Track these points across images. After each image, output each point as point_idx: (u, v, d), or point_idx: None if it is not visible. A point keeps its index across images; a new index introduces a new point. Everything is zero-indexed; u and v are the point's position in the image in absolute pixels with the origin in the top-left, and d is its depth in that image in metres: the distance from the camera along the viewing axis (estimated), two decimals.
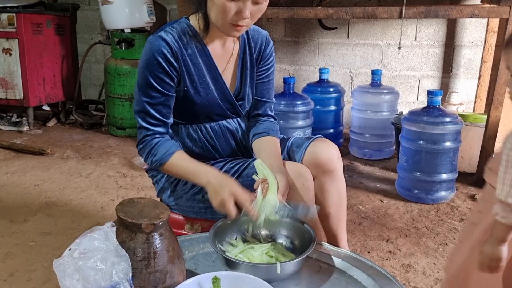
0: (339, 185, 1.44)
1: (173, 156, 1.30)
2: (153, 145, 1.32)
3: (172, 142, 1.34)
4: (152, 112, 1.32)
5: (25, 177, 2.76)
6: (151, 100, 1.31)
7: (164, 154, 1.30)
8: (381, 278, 1.06)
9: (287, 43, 3.75)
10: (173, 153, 1.30)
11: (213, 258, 1.14)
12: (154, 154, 1.32)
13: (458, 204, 2.45)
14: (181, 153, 1.33)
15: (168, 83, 1.31)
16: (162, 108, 1.33)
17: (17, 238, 2.02)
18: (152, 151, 1.32)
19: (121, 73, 3.59)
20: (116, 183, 2.70)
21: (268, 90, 1.50)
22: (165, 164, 1.31)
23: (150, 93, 1.31)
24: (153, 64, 1.28)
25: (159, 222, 0.90)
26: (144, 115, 1.33)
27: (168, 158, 1.30)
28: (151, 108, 1.32)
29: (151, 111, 1.32)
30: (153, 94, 1.31)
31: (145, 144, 1.34)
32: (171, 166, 1.31)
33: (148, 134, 1.34)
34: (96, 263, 0.82)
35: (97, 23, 4.24)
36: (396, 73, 3.58)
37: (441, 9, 2.51)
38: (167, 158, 1.30)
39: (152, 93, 1.31)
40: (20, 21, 3.60)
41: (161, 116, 1.33)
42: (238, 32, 1.27)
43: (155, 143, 1.32)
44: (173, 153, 1.30)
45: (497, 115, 2.57)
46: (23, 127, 3.84)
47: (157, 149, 1.31)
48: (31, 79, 3.76)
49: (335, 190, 1.43)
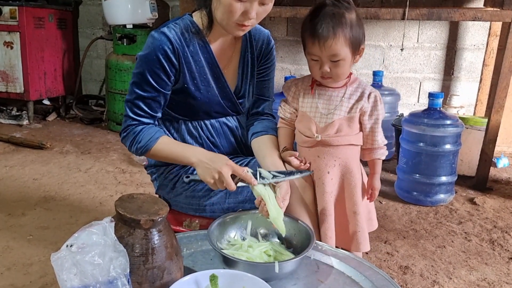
0: None
1: (159, 141, 1.30)
2: (137, 132, 1.31)
3: (156, 128, 1.33)
4: (141, 105, 1.31)
5: (24, 171, 2.76)
6: (144, 94, 1.31)
7: (149, 140, 1.29)
8: (379, 280, 1.05)
9: (289, 42, 3.74)
10: (158, 137, 1.30)
11: (211, 256, 1.14)
12: (138, 141, 1.31)
13: (457, 207, 2.45)
14: (166, 138, 1.32)
15: (164, 80, 1.30)
16: (152, 103, 1.32)
17: (15, 231, 2.02)
18: (136, 138, 1.31)
19: (122, 69, 3.58)
20: (115, 178, 2.70)
21: (268, 88, 1.50)
22: (150, 150, 1.30)
23: (144, 87, 1.30)
24: (153, 60, 1.28)
25: (158, 218, 0.89)
26: (132, 106, 1.32)
27: (153, 144, 1.29)
28: (141, 102, 1.31)
29: (141, 104, 1.31)
30: (146, 88, 1.30)
31: (128, 132, 1.33)
32: (157, 150, 1.30)
33: (132, 123, 1.33)
34: (94, 257, 0.82)
35: (99, 18, 4.23)
36: (398, 75, 3.58)
37: (444, 12, 2.50)
38: (153, 144, 1.29)
39: (146, 87, 1.30)
40: (22, 15, 3.59)
41: (150, 109, 1.33)
42: (243, 32, 1.27)
43: (138, 130, 1.31)
44: (158, 138, 1.30)
45: (498, 119, 2.57)
46: (23, 120, 3.83)
47: (141, 135, 1.30)
48: (32, 73, 3.75)
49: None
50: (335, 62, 1.21)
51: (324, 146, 1.29)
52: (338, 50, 1.19)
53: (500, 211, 2.40)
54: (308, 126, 1.30)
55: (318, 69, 1.24)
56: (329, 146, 1.28)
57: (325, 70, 1.22)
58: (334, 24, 1.18)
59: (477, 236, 2.13)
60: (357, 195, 1.30)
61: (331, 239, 1.28)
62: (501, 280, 1.78)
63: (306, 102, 1.32)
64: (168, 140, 1.33)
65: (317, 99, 1.30)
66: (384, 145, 1.33)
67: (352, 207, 1.30)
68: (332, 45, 1.18)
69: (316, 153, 1.30)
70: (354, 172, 1.31)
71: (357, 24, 1.22)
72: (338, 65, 1.22)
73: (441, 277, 1.79)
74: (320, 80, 1.28)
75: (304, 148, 1.33)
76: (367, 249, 1.32)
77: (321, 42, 1.19)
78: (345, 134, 1.28)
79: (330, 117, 1.27)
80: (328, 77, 1.25)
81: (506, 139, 3.41)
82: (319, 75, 1.26)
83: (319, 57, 1.22)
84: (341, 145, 1.28)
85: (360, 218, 1.30)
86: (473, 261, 1.91)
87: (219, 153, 1.45)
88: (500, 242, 2.07)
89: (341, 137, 1.28)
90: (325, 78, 1.26)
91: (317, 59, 1.23)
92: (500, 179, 2.86)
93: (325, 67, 1.22)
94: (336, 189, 1.31)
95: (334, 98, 1.29)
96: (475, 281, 1.77)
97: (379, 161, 1.36)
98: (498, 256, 1.95)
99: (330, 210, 1.29)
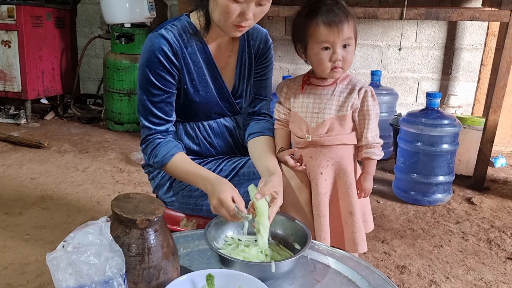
0: None
1: (173, 158, 1.29)
2: (154, 146, 1.32)
3: (173, 143, 1.33)
4: (154, 110, 1.31)
5: (22, 170, 2.75)
6: (153, 98, 1.31)
7: (164, 156, 1.30)
8: (376, 279, 1.05)
9: (287, 41, 3.74)
10: (174, 155, 1.30)
11: (208, 256, 1.14)
12: (155, 155, 1.31)
13: (454, 206, 2.45)
14: (181, 155, 1.32)
15: (169, 80, 1.30)
16: (165, 106, 1.32)
17: (12, 231, 2.02)
18: (154, 152, 1.32)
19: (120, 68, 3.58)
20: (112, 178, 2.69)
21: (265, 88, 1.49)
22: (166, 166, 1.31)
23: (151, 91, 1.30)
24: (154, 62, 1.27)
25: (154, 218, 0.89)
26: (146, 114, 1.32)
27: (169, 160, 1.29)
28: (153, 107, 1.31)
29: (153, 109, 1.31)
30: (154, 92, 1.30)
31: (147, 143, 1.34)
32: (171, 168, 1.31)
33: (150, 133, 1.33)
34: (89, 257, 0.82)
35: (97, 17, 4.23)
36: (396, 75, 3.58)
37: (442, 11, 2.51)
38: (168, 160, 1.30)
39: (154, 91, 1.30)
40: (19, 13, 3.58)
41: (163, 114, 1.33)
42: (240, 33, 1.26)
43: (156, 143, 1.32)
44: (174, 155, 1.30)
45: (495, 119, 2.57)
46: (21, 119, 3.82)
47: (158, 150, 1.31)
48: (30, 72, 3.74)
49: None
50: (346, 48, 1.23)
51: (315, 146, 1.28)
52: (351, 33, 1.23)
53: (498, 211, 2.41)
54: (300, 126, 1.30)
55: (329, 59, 1.23)
56: (321, 146, 1.28)
57: (338, 57, 1.22)
58: (342, 10, 1.22)
59: (475, 235, 2.13)
60: (353, 195, 1.30)
61: (325, 240, 1.27)
62: (498, 279, 1.78)
63: (297, 102, 1.31)
64: (183, 159, 1.31)
65: (308, 99, 1.29)
66: (377, 144, 1.29)
67: (347, 207, 1.30)
68: (347, 28, 1.21)
69: (309, 153, 1.30)
70: (348, 172, 1.30)
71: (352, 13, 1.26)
72: (349, 52, 1.23)
73: (438, 276, 1.79)
74: (329, 74, 1.26)
75: (298, 149, 1.33)
76: (365, 250, 1.32)
77: (339, 26, 1.20)
78: (337, 133, 1.27)
79: (321, 117, 1.27)
80: (340, 66, 1.23)
81: (503, 139, 3.41)
82: (329, 67, 1.24)
83: (333, 44, 1.21)
84: (333, 145, 1.28)
85: (356, 218, 1.29)
86: (470, 261, 1.91)
87: (216, 153, 1.45)
88: (497, 242, 2.07)
89: (332, 137, 1.27)
90: (336, 69, 1.24)
91: (329, 46, 1.22)
92: (498, 179, 2.86)
93: (338, 53, 1.22)
94: (330, 190, 1.30)
95: (324, 96, 1.28)
96: (472, 281, 1.77)
97: (371, 161, 1.31)
98: (495, 256, 1.96)
99: (324, 211, 1.28)
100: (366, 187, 1.33)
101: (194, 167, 1.29)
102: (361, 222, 1.31)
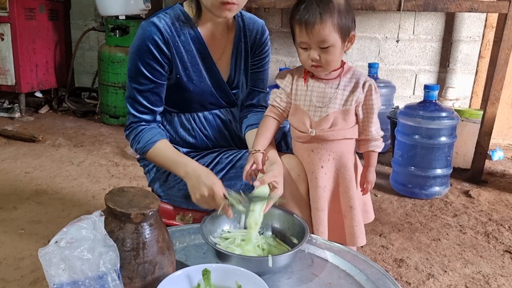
0: None
1: (156, 145, 1.29)
2: (138, 132, 1.32)
3: (157, 130, 1.32)
4: (140, 99, 1.31)
5: (16, 164, 2.73)
6: (140, 87, 1.30)
7: (147, 142, 1.30)
8: (374, 273, 1.04)
9: (284, 34, 3.71)
10: (156, 141, 1.30)
11: (204, 250, 1.12)
12: (138, 141, 1.32)
13: (451, 199, 2.45)
14: (164, 142, 1.31)
15: (158, 70, 1.29)
16: (151, 96, 1.31)
17: (6, 225, 1.99)
18: (137, 138, 1.32)
19: (115, 61, 3.54)
20: (108, 172, 2.67)
21: (262, 80, 1.48)
22: (147, 152, 1.31)
23: (139, 80, 1.29)
24: (144, 51, 1.26)
25: (148, 212, 0.87)
26: (133, 102, 1.32)
27: (151, 147, 1.29)
28: (139, 95, 1.31)
29: (139, 98, 1.31)
30: (142, 81, 1.29)
31: (131, 130, 1.34)
32: (153, 154, 1.31)
33: (134, 121, 1.33)
34: (83, 252, 0.80)
35: (91, 9, 4.18)
36: (393, 67, 3.56)
37: (440, 3, 2.48)
38: (150, 146, 1.29)
39: (142, 80, 1.29)
40: (12, 5, 3.53)
41: (149, 103, 1.32)
42: (229, 12, 1.22)
43: (140, 130, 1.32)
44: (156, 142, 1.29)
45: (493, 111, 2.56)
46: (15, 113, 3.79)
47: (141, 136, 1.31)
48: (24, 65, 3.70)
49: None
50: (324, 49, 1.17)
51: (318, 141, 1.26)
52: (326, 36, 1.15)
53: (495, 204, 2.40)
54: (302, 120, 1.27)
55: (307, 57, 1.19)
56: (323, 141, 1.26)
57: (314, 57, 1.18)
58: (320, 9, 1.15)
59: (472, 229, 2.13)
60: (353, 189, 1.28)
61: (322, 234, 1.26)
62: (495, 272, 1.78)
63: (299, 95, 1.28)
64: (164, 146, 1.30)
65: (311, 92, 1.27)
66: (380, 137, 1.30)
67: (348, 201, 1.28)
68: (319, 30, 1.15)
69: (310, 147, 1.28)
70: (349, 166, 1.28)
71: (346, 9, 1.18)
72: (328, 52, 1.18)
73: (436, 270, 1.78)
74: (311, 70, 1.23)
75: (298, 143, 1.30)
76: (363, 243, 1.31)
77: (309, 28, 1.15)
78: (340, 128, 1.25)
79: (324, 111, 1.24)
80: (319, 65, 1.20)
81: (501, 132, 3.41)
82: (309, 65, 1.21)
83: (308, 44, 1.18)
84: (336, 139, 1.26)
85: (356, 212, 1.28)
86: (468, 254, 1.91)
87: (212, 145, 1.44)
88: (495, 235, 2.07)
89: (336, 131, 1.25)
90: (316, 67, 1.21)
91: (306, 46, 1.19)
92: (495, 172, 2.86)
93: (313, 54, 1.17)
94: (331, 184, 1.29)
95: (328, 90, 1.25)
96: (470, 274, 1.76)
97: (374, 154, 1.33)
98: (493, 249, 1.95)
99: (322, 205, 1.27)
100: (372, 180, 1.34)
101: (175, 153, 1.29)
102: (360, 215, 1.30)
